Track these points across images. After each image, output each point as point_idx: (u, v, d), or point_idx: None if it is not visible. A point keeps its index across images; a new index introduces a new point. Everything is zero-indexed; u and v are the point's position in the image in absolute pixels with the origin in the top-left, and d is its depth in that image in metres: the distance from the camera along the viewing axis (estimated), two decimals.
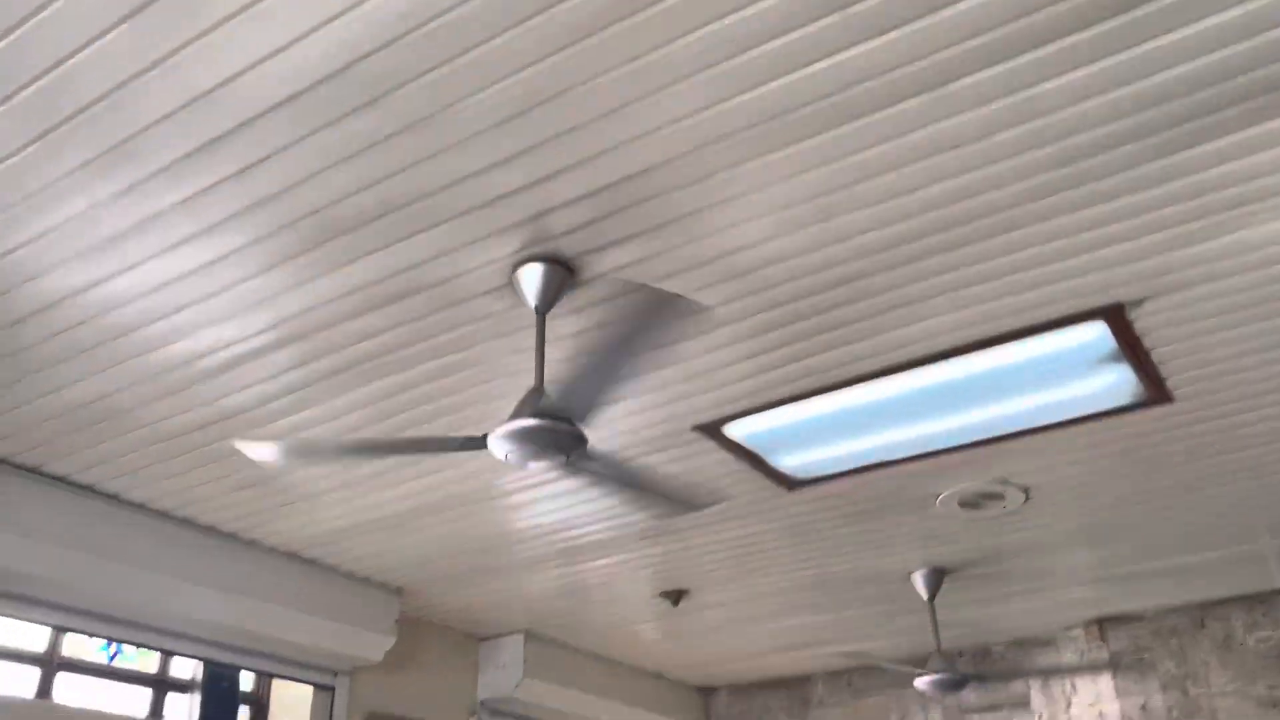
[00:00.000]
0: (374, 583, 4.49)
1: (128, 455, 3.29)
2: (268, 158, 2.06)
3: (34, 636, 3.79)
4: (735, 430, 3.23)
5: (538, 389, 2.34)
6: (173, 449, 3.24)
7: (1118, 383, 2.99)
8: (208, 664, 4.18)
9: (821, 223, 2.31)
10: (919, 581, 4.40)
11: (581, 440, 2.31)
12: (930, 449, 3.36)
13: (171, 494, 3.58)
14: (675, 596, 4.67)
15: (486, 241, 2.34)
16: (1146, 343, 2.78)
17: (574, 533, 3.97)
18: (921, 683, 4.39)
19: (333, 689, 4.49)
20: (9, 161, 2.05)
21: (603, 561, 4.28)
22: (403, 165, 2.10)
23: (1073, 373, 2.96)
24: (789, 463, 3.46)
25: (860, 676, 5.92)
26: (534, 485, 3.55)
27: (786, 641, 5.49)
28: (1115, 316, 2.66)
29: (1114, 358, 2.86)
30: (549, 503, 3.70)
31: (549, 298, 2.43)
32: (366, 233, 2.30)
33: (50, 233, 2.26)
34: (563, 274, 2.43)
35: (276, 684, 4.57)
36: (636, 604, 4.85)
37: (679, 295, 2.24)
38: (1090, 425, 3.20)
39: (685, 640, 5.45)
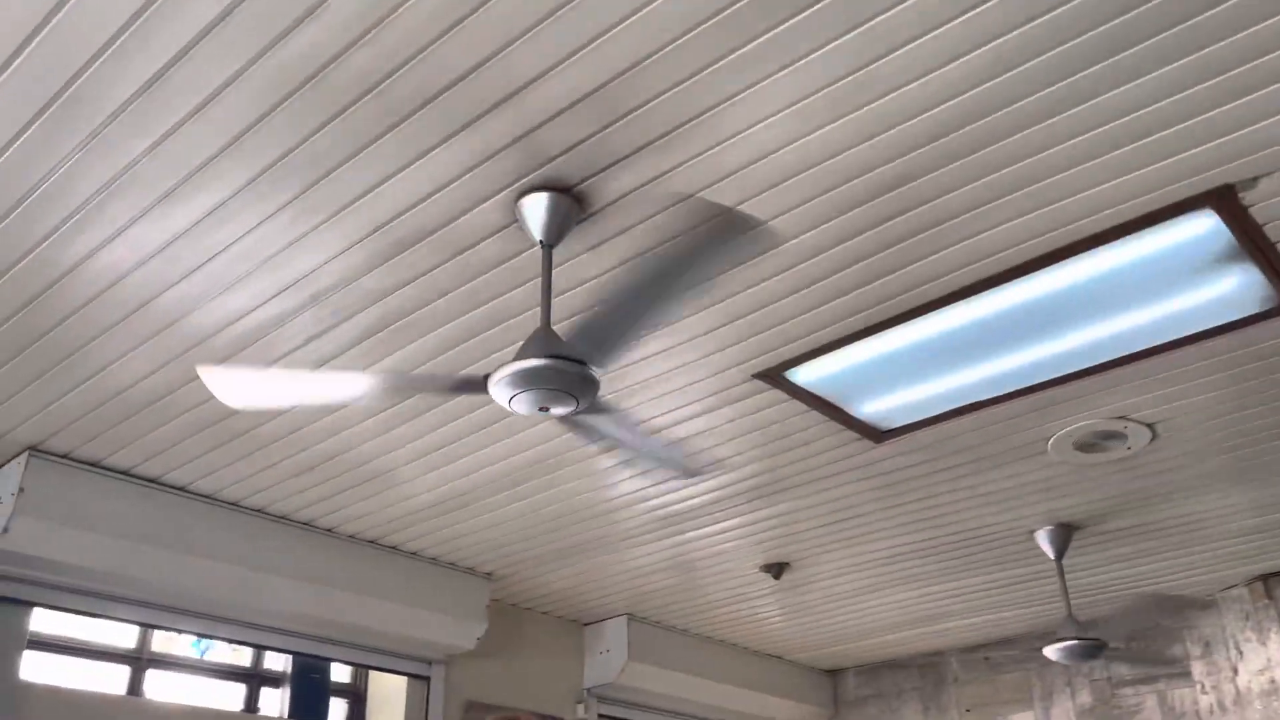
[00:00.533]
0: (461, 568, 4.36)
1: (180, 443, 3.23)
2: (220, 91, 1.90)
3: (123, 634, 3.80)
4: (801, 375, 2.94)
5: (544, 329, 2.12)
6: (220, 434, 3.17)
7: (1242, 286, 2.56)
8: (296, 656, 4.13)
9: (851, 113, 2.01)
10: (1043, 540, 3.99)
11: (592, 383, 2.08)
12: (1030, 383, 2.98)
13: (236, 483, 3.52)
14: (776, 570, 4.38)
15: (479, 171, 2.13)
16: (1269, 232, 2.36)
17: (662, 499, 3.72)
18: (1051, 651, 3.97)
19: (428, 679, 4.39)
20: None
21: (698, 532, 4.03)
22: (363, 87, 1.91)
23: (1186, 279, 2.55)
24: (871, 410, 3.14)
25: (997, 650, 5.48)
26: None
27: (910, 616, 5.11)
28: (1225, 201, 2.25)
29: (1233, 255, 2.44)
30: (629, 467, 3.46)
31: (555, 231, 2.21)
32: (348, 172, 2.13)
33: (30, 197, 2.17)
34: (568, 204, 2.21)
35: (374, 675, 4.50)
36: (740, 580, 4.58)
37: (729, 216, 1.94)
38: (1216, 341, 2.77)
39: (800, 618, 5.14)
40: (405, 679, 4.39)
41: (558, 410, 2.10)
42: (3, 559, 3.22)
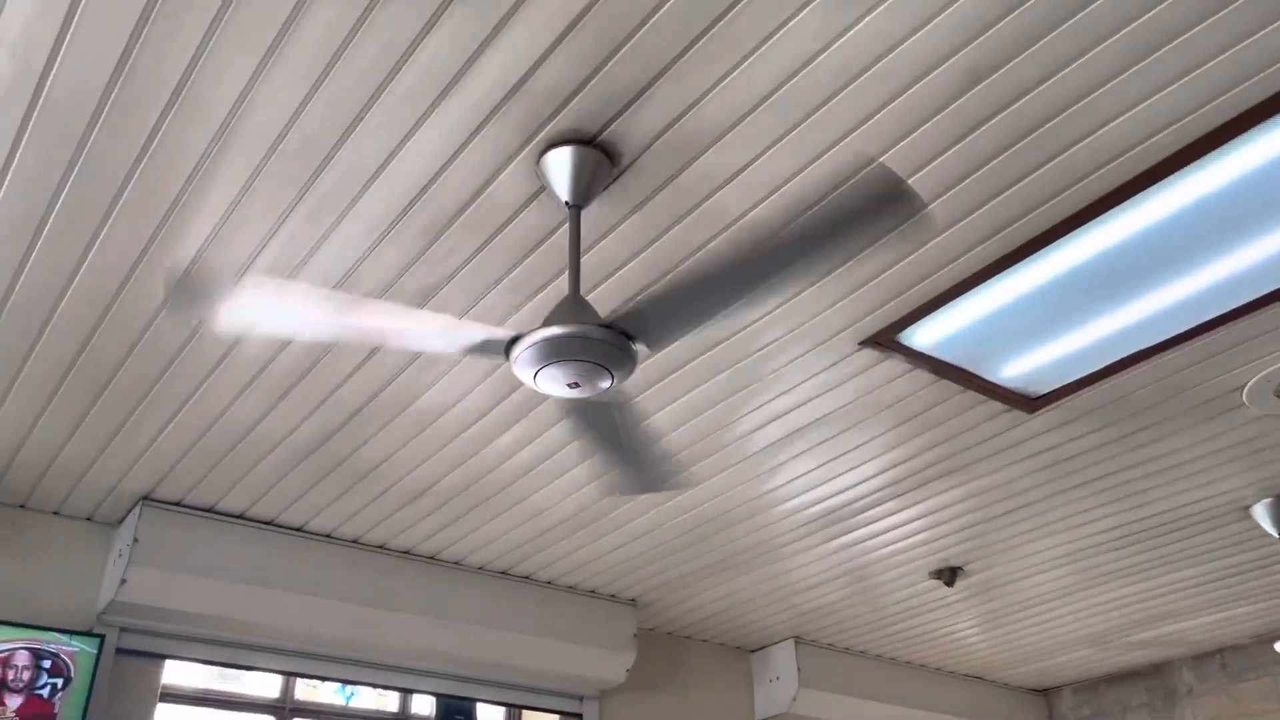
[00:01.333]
0: (601, 595, 4.14)
1: (283, 480, 3.17)
2: (191, 70, 1.77)
3: (266, 684, 3.78)
4: (919, 338, 2.56)
5: (572, 296, 1.87)
6: (319, 466, 3.08)
7: None
8: (440, 698, 4.00)
9: None
10: (1262, 516, 3.38)
11: (630, 357, 1.81)
12: (1204, 319, 2.49)
13: (350, 519, 3.44)
14: (948, 576, 3.93)
15: (487, 132, 1.91)
16: None
17: (802, 499, 3.38)
18: None
19: (579, 715, 4.17)
20: None
21: (851, 536, 3.66)
22: (331, 47, 1.73)
23: None
24: (1014, 374, 2.72)
25: (1234, 656, 4.76)
26: (748, 431, 3.02)
27: (1123, 620, 4.50)
28: None
29: None
30: (772, 454, 3.14)
31: (581, 190, 1.97)
32: (351, 154, 1.96)
33: (45, 236, 2.12)
34: (595, 158, 1.96)
35: (526, 715, 4.32)
36: (913, 590, 4.15)
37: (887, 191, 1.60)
38: None
39: (994, 630, 4.62)
40: (556, 718, 4.18)
41: (591, 387, 1.84)
42: (125, 611, 3.23)
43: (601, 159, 1.97)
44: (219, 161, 1.96)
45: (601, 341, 1.80)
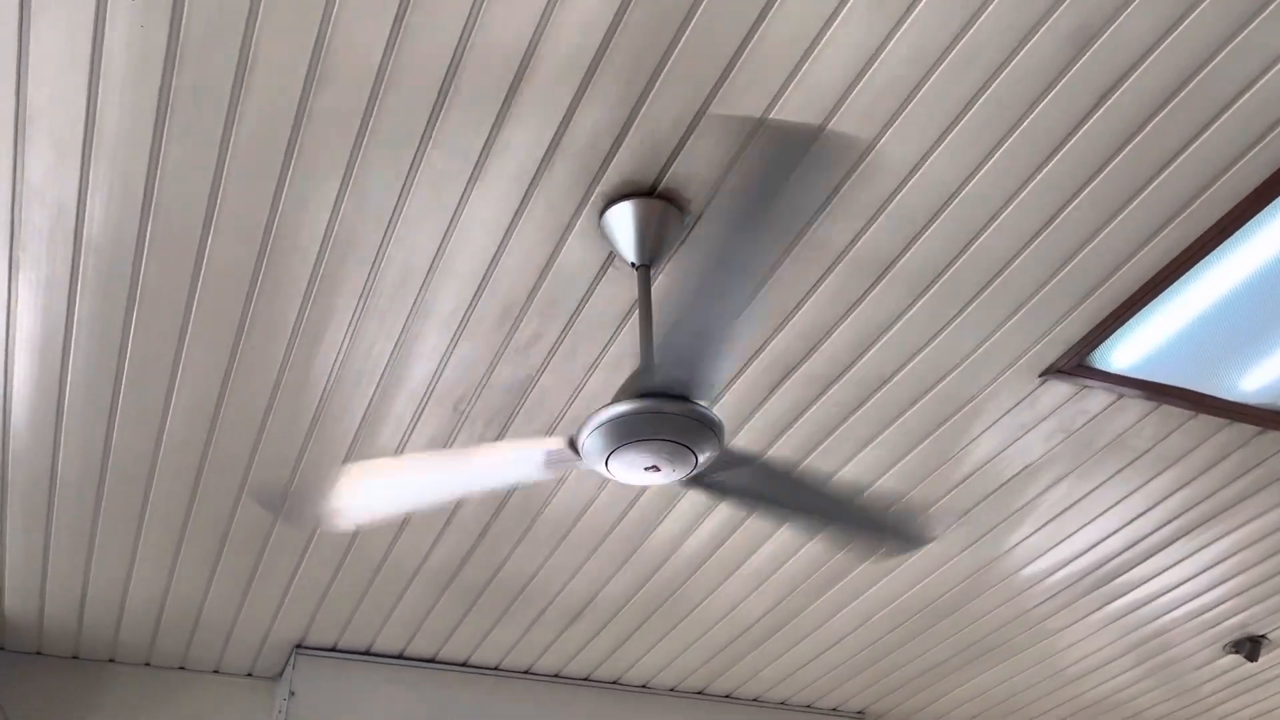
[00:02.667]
0: (821, 710, 4.03)
1: (431, 612, 3.32)
2: (216, 190, 1.92)
3: None
4: (1114, 358, 2.37)
5: (645, 366, 1.85)
6: (462, 594, 3.19)
7: None
8: None
9: None
10: None
11: (709, 427, 1.75)
12: None
13: (515, 649, 3.54)
14: (1249, 648, 3.55)
15: (537, 199, 1.95)
16: None
17: (1046, 561, 3.16)
18: None
19: None
20: None
21: (1119, 604, 3.40)
22: (344, 154, 1.83)
23: None
24: (1253, 386, 2.46)
25: None
26: (943, 493, 2.89)
27: None
28: None
29: None
30: (981, 517, 3.01)
31: (648, 247, 1.96)
32: (400, 253, 2.04)
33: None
34: (660, 210, 1.96)
35: None
36: (1214, 669, 3.78)
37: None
38: None
39: None
40: None
41: (673, 473, 1.79)
42: None
43: (668, 209, 1.96)
44: (271, 277, 2.10)
45: (679, 416, 1.76)
